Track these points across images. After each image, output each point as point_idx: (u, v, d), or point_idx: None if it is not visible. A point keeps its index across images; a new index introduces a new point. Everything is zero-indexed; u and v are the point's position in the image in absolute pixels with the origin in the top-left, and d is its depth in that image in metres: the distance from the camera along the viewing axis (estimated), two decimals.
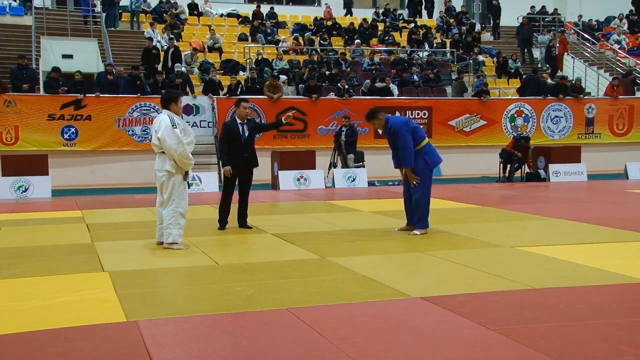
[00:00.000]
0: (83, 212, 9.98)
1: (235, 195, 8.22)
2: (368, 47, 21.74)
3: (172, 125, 6.48)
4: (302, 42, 21.47)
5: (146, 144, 15.84)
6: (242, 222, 8.44)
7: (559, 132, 19.01)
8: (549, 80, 19.80)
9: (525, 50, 22.66)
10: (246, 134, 8.48)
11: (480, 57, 21.97)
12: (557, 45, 22.18)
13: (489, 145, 17.97)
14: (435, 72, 20.28)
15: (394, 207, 9.72)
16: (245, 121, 8.61)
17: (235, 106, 8.61)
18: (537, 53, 22.84)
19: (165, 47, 18.27)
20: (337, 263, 5.81)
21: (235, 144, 8.42)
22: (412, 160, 7.23)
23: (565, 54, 22.46)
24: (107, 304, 4.46)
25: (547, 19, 24.52)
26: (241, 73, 18.57)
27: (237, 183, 8.28)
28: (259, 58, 19.25)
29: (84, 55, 18.55)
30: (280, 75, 17.80)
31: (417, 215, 7.44)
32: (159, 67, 17.65)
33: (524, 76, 20.20)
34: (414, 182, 7.39)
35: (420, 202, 7.41)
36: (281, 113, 16.79)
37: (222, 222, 8.25)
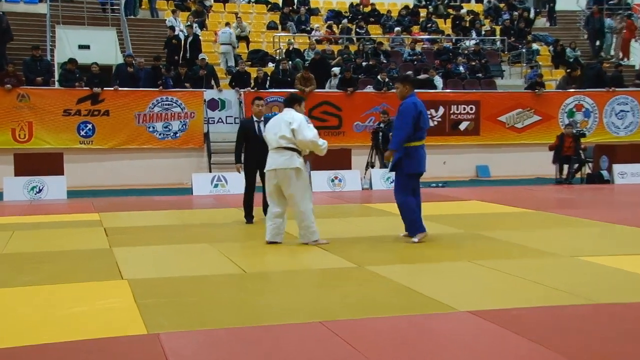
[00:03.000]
0: (100, 215, 10.15)
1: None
2: (409, 36, 21.65)
3: (306, 121, 7.19)
4: (336, 31, 21.50)
5: (168, 141, 16.06)
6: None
7: (625, 128, 18.62)
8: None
9: (597, 43, 22.06)
10: (262, 132, 8.66)
11: (535, 46, 21.66)
12: (624, 30, 21.71)
13: (544, 143, 17.66)
14: (483, 62, 20.07)
15: (436, 211, 9.67)
16: (262, 119, 8.91)
17: (252, 103, 9.03)
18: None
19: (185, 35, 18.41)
20: (375, 272, 5.80)
21: (252, 143, 8.79)
22: (401, 144, 7.23)
23: (633, 40, 21.97)
24: (126, 314, 4.53)
25: (611, 2, 24.01)
26: (270, 64, 18.68)
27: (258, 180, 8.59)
28: (290, 48, 19.34)
29: (101, 46, 18.89)
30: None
31: (405, 222, 7.41)
32: (180, 59, 17.83)
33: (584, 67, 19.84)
34: (386, 162, 7.42)
35: (400, 208, 7.41)
36: (314, 108, 16.86)
37: (248, 216, 9.03)
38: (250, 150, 8.96)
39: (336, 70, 17.69)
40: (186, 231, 8.53)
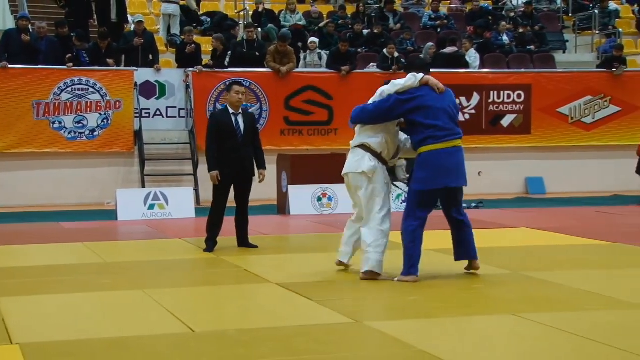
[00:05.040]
0: None
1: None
2: None
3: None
4: None
5: (81, 143, 15.99)
6: (243, 241, 9.64)
7: None
8: None
9: None
10: (241, 128, 9.24)
11: (613, 5, 21.81)
12: None
13: (626, 145, 17.81)
14: (537, 29, 20.22)
15: None
16: (240, 111, 9.31)
17: (226, 90, 9.51)
18: None
19: None
20: (379, 330, 5.81)
21: (229, 142, 9.17)
22: (354, 121, 7.97)
23: None
24: None
25: None
26: (232, 33, 18.71)
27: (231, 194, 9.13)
28: (259, 9, 19.42)
29: None
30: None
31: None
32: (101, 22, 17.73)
33: None
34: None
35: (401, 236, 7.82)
36: (293, 96, 16.89)
37: (210, 242, 9.45)
38: (225, 153, 9.27)
39: (314, 40, 17.73)
40: (108, 273, 8.47)
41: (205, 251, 9.53)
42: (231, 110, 9.40)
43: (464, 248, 7.96)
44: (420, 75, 7.60)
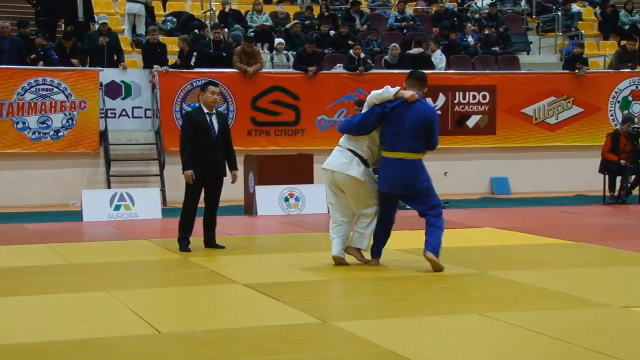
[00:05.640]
0: None
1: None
2: None
3: None
4: None
5: (46, 143, 15.87)
6: (210, 242, 9.70)
7: None
8: None
9: None
10: (216, 128, 9.41)
11: (575, 7, 22.05)
12: None
13: (588, 145, 18.00)
14: (502, 31, 20.37)
15: None
16: (214, 112, 9.51)
17: (201, 90, 9.63)
18: None
19: None
20: (346, 330, 5.81)
21: (203, 141, 9.34)
22: (342, 130, 8.61)
23: None
24: None
25: None
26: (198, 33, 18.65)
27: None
28: (226, 9, 19.37)
29: None
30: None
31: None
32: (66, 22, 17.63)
33: None
34: None
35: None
36: (260, 96, 16.87)
37: (184, 241, 9.53)
38: (200, 153, 9.36)
39: (281, 41, 17.72)
40: (74, 274, 8.42)
41: (182, 251, 9.53)
42: (205, 110, 9.45)
43: (425, 241, 8.25)
44: (395, 89, 8.12)
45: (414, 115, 8.11)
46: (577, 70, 18.33)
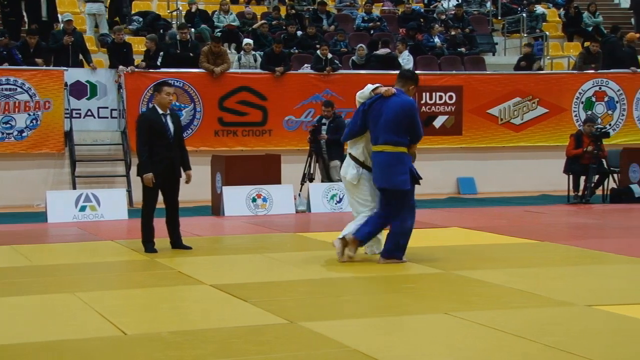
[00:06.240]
0: None
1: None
2: None
3: None
4: None
5: (9, 144, 15.72)
6: (177, 243, 9.70)
7: None
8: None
9: None
10: (171, 128, 9.40)
11: (540, 9, 22.25)
12: None
13: (553, 146, 18.15)
14: (468, 32, 20.51)
15: None
16: (169, 112, 9.50)
17: (156, 91, 9.58)
18: None
19: None
20: (314, 330, 5.83)
21: (160, 142, 9.32)
22: (345, 138, 9.19)
23: None
24: None
25: None
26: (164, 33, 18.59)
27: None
28: (193, 9, 19.31)
29: None
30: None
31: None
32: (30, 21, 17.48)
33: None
34: None
35: None
36: (227, 97, 16.83)
37: (149, 243, 9.51)
38: (157, 154, 9.36)
39: (249, 42, 17.70)
40: (38, 276, 8.34)
41: (148, 252, 9.49)
42: (160, 111, 9.42)
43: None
44: (374, 85, 8.54)
45: (390, 109, 8.37)
46: (521, 63, 18.65)
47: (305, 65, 17.81)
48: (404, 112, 8.40)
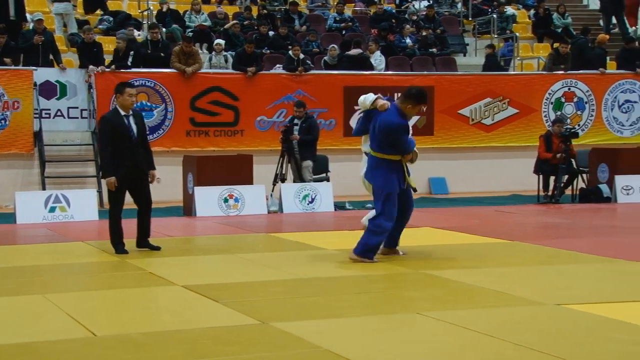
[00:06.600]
0: None
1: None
2: None
3: None
4: None
5: None
6: (144, 242, 9.65)
7: (631, 125, 19.38)
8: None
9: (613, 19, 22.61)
10: (134, 129, 9.39)
11: (510, 10, 22.40)
12: None
13: (523, 146, 18.28)
14: (439, 33, 20.59)
15: None
16: (131, 113, 9.49)
17: (118, 92, 9.51)
18: None
19: None
20: (286, 331, 5.83)
21: (123, 144, 9.30)
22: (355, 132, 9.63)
23: None
24: None
25: None
26: (136, 33, 18.51)
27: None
28: (164, 9, 19.23)
29: None
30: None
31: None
32: None
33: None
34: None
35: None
36: (199, 97, 16.78)
37: (119, 245, 9.48)
38: (121, 156, 9.33)
39: (220, 42, 17.66)
40: (7, 277, 8.28)
41: (119, 254, 9.44)
42: (122, 113, 9.39)
43: None
44: (373, 97, 8.79)
45: (377, 124, 8.72)
46: (508, 71, 18.77)
47: (277, 65, 17.81)
48: (382, 132, 8.69)
